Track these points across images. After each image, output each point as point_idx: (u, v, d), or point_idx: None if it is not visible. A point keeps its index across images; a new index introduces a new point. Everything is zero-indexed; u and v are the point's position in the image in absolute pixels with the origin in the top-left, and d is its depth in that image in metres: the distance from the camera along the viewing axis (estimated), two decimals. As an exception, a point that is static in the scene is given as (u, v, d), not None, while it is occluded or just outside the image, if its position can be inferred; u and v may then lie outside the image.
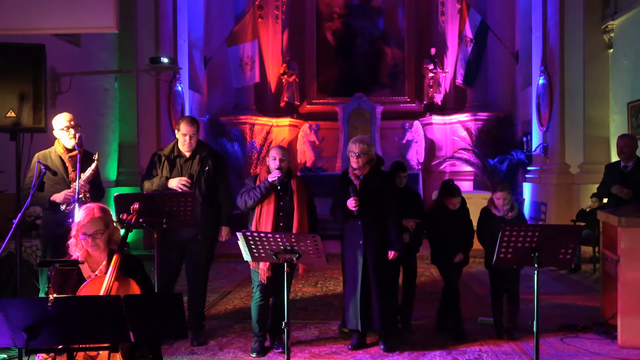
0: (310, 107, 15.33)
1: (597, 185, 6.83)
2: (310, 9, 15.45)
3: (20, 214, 3.96)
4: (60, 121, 4.58)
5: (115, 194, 4.22)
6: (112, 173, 10.03)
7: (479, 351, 4.76)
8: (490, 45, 13.62)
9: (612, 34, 9.28)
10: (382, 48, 15.41)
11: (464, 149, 13.29)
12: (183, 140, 4.87)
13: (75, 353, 2.67)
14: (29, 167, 4.62)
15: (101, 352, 2.86)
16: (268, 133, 14.31)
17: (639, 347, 4.73)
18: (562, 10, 10.13)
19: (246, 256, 3.93)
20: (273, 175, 4.60)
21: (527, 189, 11.64)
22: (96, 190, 4.60)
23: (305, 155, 14.51)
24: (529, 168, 11.83)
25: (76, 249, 3.13)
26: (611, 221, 5.12)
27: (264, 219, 4.62)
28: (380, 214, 4.72)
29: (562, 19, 10.14)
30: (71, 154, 4.56)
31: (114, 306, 2.45)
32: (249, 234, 3.81)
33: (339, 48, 15.45)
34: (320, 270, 8.03)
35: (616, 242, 4.91)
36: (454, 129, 14.29)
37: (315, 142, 14.55)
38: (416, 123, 14.41)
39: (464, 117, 14.03)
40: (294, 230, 4.53)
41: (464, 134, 13.84)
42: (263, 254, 3.85)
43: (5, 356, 4.44)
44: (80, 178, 4.34)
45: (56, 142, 4.65)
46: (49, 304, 2.38)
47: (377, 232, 4.71)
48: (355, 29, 15.44)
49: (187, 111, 12.06)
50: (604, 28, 9.39)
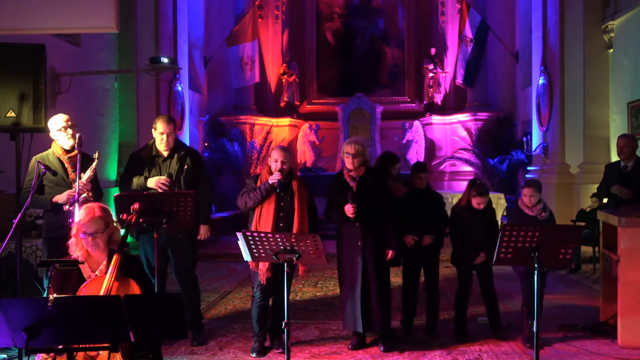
0: (310, 107, 15.33)
1: (597, 185, 6.83)
2: (310, 9, 15.45)
3: (20, 214, 3.96)
4: (57, 122, 4.56)
5: (115, 194, 4.22)
6: (112, 173, 10.03)
7: (479, 351, 4.76)
8: (490, 45, 13.62)
9: (612, 34, 9.28)
10: (382, 48, 15.40)
11: (464, 149, 13.29)
12: (160, 139, 4.84)
13: (75, 353, 2.67)
14: (28, 169, 4.59)
15: (101, 352, 2.86)
16: (268, 133, 14.30)
17: (639, 347, 4.73)
18: (562, 10, 10.13)
19: (246, 256, 3.94)
20: (273, 178, 4.58)
21: (527, 189, 11.61)
22: (95, 191, 4.59)
23: (305, 155, 14.50)
24: (529, 168, 11.83)
25: (76, 248, 3.14)
26: (611, 221, 5.11)
27: (264, 219, 4.62)
28: (378, 215, 4.71)
29: (562, 19, 10.14)
30: (70, 154, 4.55)
31: (114, 306, 2.45)
32: (249, 234, 3.81)
33: (339, 48, 15.44)
34: (320, 270, 8.03)
35: (616, 242, 4.91)
36: (454, 129, 14.29)
37: (315, 142, 14.55)
38: (416, 123, 14.41)
39: (464, 117, 14.02)
40: (294, 231, 4.52)
41: (464, 134, 13.84)
42: (263, 254, 3.85)
43: (5, 356, 4.44)
44: (80, 178, 4.33)
45: (53, 144, 4.62)
46: (49, 304, 2.38)
47: (375, 234, 4.70)
48: (355, 29, 15.44)
49: (187, 111, 12.05)
50: (604, 28, 9.39)
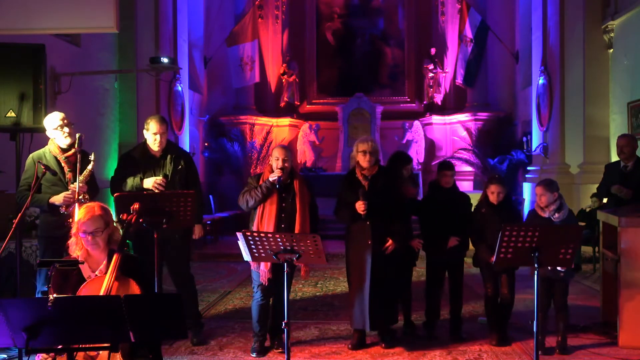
0: (310, 107, 15.33)
1: (597, 185, 6.82)
2: (310, 9, 15.45)
3: (20, 214, 3.96)
4: (53, 121, 4.50)
5: (115, 194, 4.21)
6: (111, 173, 9.95)
7: (479, 351, 4.76)
8: (490, 45, 13.62)
9: (612, 34, 9.28)
10: (382, 48, 15.41)
11: (464, 149, 13.29)
12: (154, 139, 4.83)
13: (75, 353, 2.67)
14: (25, 166, 4.56)
15: (101, 352, 2.86)
16: (268, 133, 14.31)
17: (639, 347, 4.73)
18: (562, 10, 10.14)
19: (246, 256, 3.93)
20: (274, 175, 4.58)
21: (527, 189, 11.62)
22: (92, 189, 4.58)
23: (305, 155, 14.50)
24: (529, 168, 11.83)
25: (76, 247, 3.13)
26: (611, 221, 5.12)
27: (267, 220, 4.61)
28: (388, 215, 4.71)
29: (562, 19, 10.15)
30: (67, 153, 4.52)
31: (114, 306, 2.45)
32: (249, 234, 3.81)
33: (339, 48, 15.45)
34: (320, 270, 8.03)
35: (616, 242, 4.91)
36: (454, 129, 14.29)
37: (315, 142, 14.55)
38: (416, 123, 14.41)
39: (464, 117, 14.03)
40: (295, 231, 4.51)
41: (464, 134, 13.84)
42: (263, 254, 3.85)
43: (5, 356, 4.44)
44: (78, 180, 4.31)
45: (50, 142, 4.56)
46: (49, 304, 2.38)
47: (385, 232, 4.70)
48: (355, 29, 15.45)
49: (187, 111, 12.05)
50: (604, 28, 9.38)
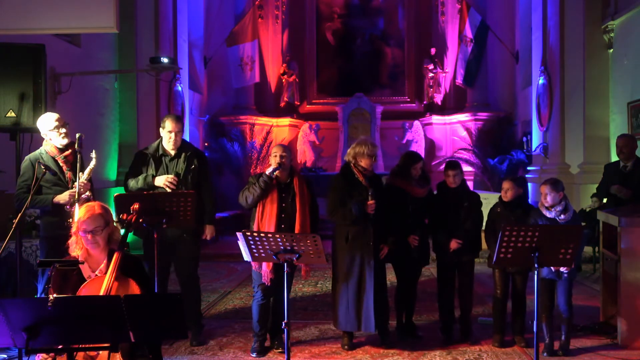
0: (310, 107, 15.32)
1: (597, 185, 6.83)
2: (310, 9, 15.44)
3: (20, 214, 3.96)
4: (49, 122, 4.45)
5: (115, 194, 4.22)
6: (112, 173, 10.02)
7: (479, 351, 4.76)
8: (490, 45, 13.61)
9: (612, 34, 9.28)
10: (382, 48, 15.40)
11: (464, 149, 13.29)
12: (169, 138, 4.83)
13: (75, 353, 2.67)
14: (21, 169, 4.50)
15: (101, 352, 2.86)
16: (268, 133, 14.30)
17: (639, 347, 4.73)
18: (562, 10, 10.12)
19: (246, 256, 3.94)
20: (270, 168, 4.59)
21: (527, 189, 11.62)
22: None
23: (305, 155, 14.50)
24: (529, 168, 11.82)
25: (76, 247, 3.13)
26: (611, 221, 5.11)
27: (267, 220, 4.61)
28: (383, 216, 4.74)
29: (562, 18, 10.14)
30: (64, 153, 4.49)
31: (114, 306, 2.45)
32: (249, 234, 3.81)
33: (339, 48, 15.44)
34: (320, 270, 8.03)
35: (616, 242, 4.91)
36: (454, 129, 14.28)
37: (315, 142, 14.55)
38: (416, 123, 14.41)
39: (464, 117, 14.02)
40: (295, 231, 4.51)
41: (464, 134, 13.83)
42: (263, 254, 3.85)
43: (5, 356, 4.44)
44: (79, 178, 4.31)
45: (45, 143, 4.52)
46: (49, 304, 2.38)
47: (382, 233, 4.75)
48: (355, 29, 15.43)
49: (187, 111, 12.05)
50: (604, 28, 9.38)
